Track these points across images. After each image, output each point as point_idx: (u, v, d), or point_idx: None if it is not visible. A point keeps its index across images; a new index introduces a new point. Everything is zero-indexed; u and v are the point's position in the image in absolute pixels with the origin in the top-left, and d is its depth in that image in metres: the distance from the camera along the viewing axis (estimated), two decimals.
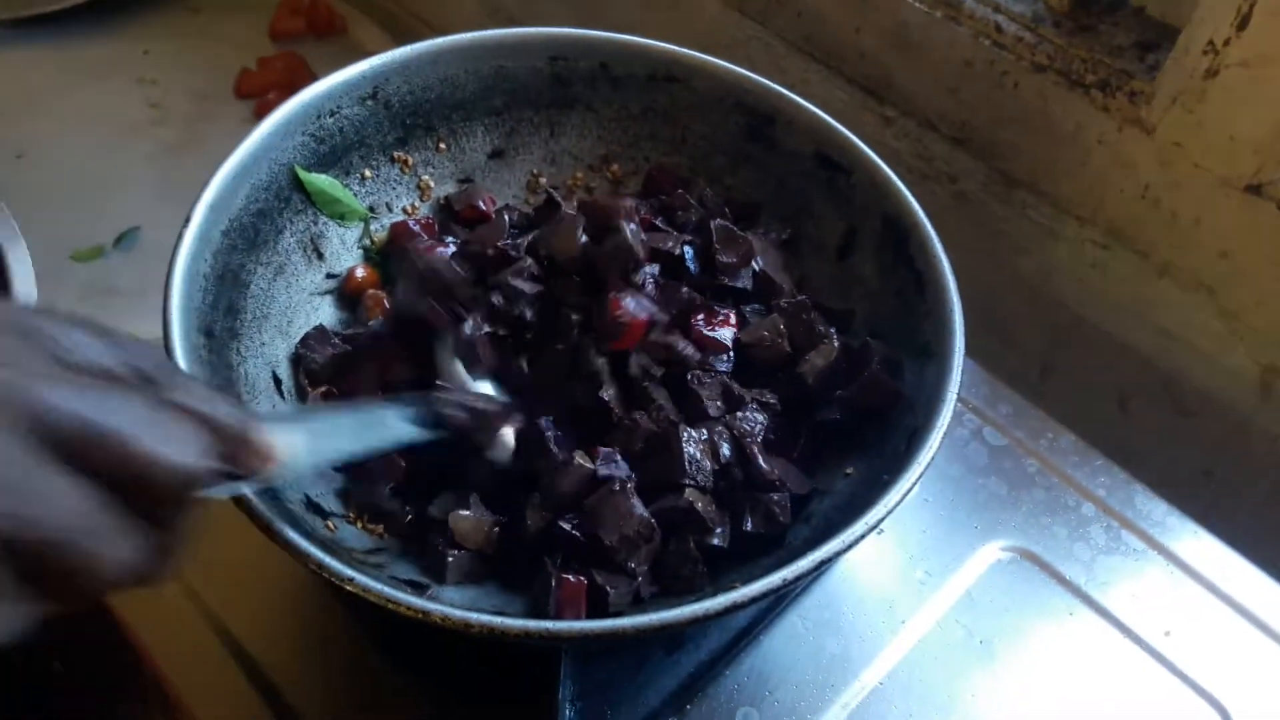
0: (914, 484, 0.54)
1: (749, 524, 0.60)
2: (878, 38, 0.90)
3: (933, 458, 0.56)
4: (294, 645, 0.65)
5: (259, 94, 1.21)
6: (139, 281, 0.99)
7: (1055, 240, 0.88)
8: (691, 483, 0.59)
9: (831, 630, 0.66)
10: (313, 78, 0.70)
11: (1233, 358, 0.81)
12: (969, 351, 0.60)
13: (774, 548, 0.61)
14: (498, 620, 0.48)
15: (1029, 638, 0.67)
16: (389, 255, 0.73)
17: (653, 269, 0.66)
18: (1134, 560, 0.70)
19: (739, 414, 0.62)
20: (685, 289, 0.66)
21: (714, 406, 0.62)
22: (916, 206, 0.67)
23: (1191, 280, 0.81)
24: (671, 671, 0.63)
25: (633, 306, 0.62)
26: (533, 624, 0.49)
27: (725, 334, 0.65)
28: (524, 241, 0.68)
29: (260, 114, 0.68)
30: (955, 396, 0.58)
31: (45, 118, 1.16)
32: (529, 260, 0.67)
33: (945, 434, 0.57)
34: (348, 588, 0.49)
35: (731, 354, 0.65)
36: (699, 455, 0.60)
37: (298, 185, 0.70)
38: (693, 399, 0.62)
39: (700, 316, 0.65)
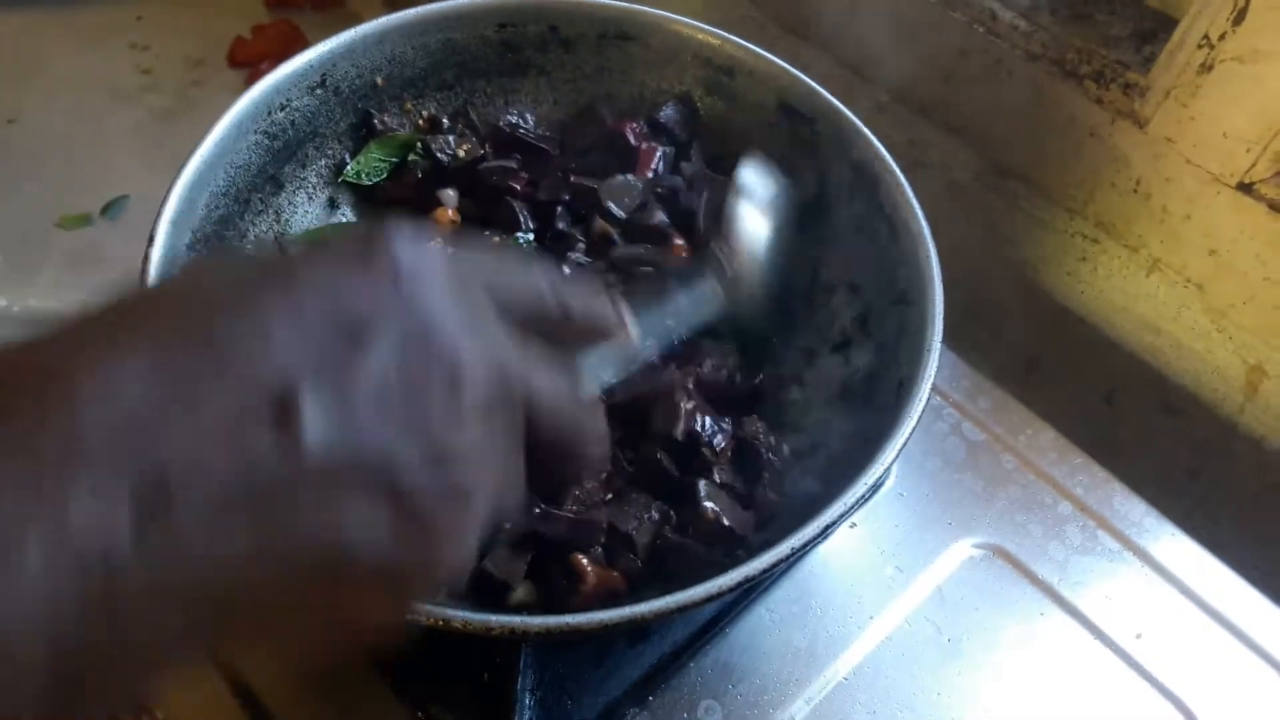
0: (909, 434, 0.54)
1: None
2: (872, 22, 0.89)
3: (924, 407, 0.55)
4: None
5: (252, 62, 1.19)
6: (125, 251, 0.98)
7: (1045, 232, 0.87)
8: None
9: (798, 624, 0.66)
10: (307, 47, 0.68)
11: (1219, 356, 0.80)
12: (954, 344, 0.59)
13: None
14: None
15: (998, 637, 0.66)
16: None
17: None
18: (1108, 561, 0.70)
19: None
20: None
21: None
22: (884, 152, 0.67)
23: (1180, 276, 0.80)
24: (635, 662, 0.63)
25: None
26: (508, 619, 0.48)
27: None
28: None
29: (252, 82, 0.66)
30: (939, 343, 0.58)
31: (37, 82, 1.14)
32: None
33: (923, 411, 0.56)
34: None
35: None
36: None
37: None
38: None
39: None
